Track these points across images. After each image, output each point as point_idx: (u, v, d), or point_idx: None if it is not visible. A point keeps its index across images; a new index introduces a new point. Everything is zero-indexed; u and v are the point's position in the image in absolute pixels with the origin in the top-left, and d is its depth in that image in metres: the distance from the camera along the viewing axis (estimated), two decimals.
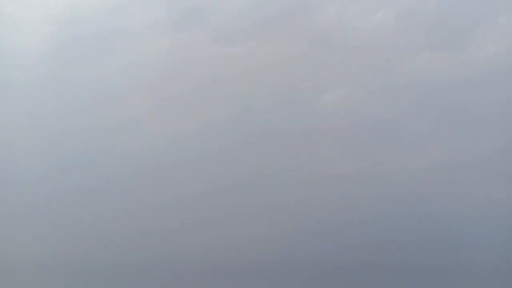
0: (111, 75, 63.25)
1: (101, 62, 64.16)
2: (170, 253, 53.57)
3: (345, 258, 53.55)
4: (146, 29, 64.75)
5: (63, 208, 55.85)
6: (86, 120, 62.58)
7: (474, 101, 58.43)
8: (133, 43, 65.64)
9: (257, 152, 61.79)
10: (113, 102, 63.80)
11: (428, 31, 65.40)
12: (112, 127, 62.30)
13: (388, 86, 63.40)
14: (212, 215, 56.24)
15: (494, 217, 50.77)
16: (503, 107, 56.84)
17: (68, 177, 57.24)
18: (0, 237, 51.85)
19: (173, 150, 60.65)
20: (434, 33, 64.58)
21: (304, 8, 65.38)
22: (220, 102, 64.89)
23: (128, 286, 53.17)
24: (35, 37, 61.27)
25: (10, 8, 62.74)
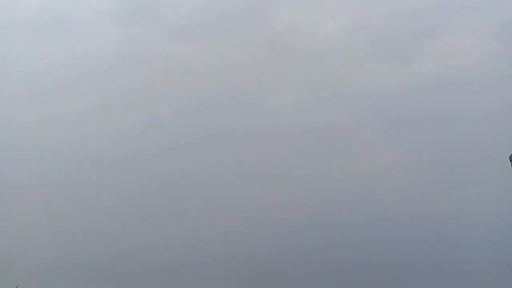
0: (53, 67, 59.46)
1: (40, 53, 60.23)
2: (111, 252, 50.53)
3: (293, 262, 53.41)
4: (94, 19, 61.81)
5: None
6: (22, 114, 58.28)
7: (417, 110, 61.94)
8: (78, 34, 62.32)
9: (204, 152, 60.51)
10: (53, 96, 60.00)
11: (376, 44, 68.53)
12: (50, 122, 58.46)
13: (338, 93, 65.26)
14: (156, 213, 54.00)
15: (440, 220, 53.57)
16: (442, 117, 60.83)
17: (5, 172, 53.02)
18: None
19: (117, 147, 57.87)
20: (381, 46, 67.76)
21: (260, 12, 65.86)
22: (168, 100, 63.06)
23: (64, 287, 49.63)
24: None
25: None
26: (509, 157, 4.61)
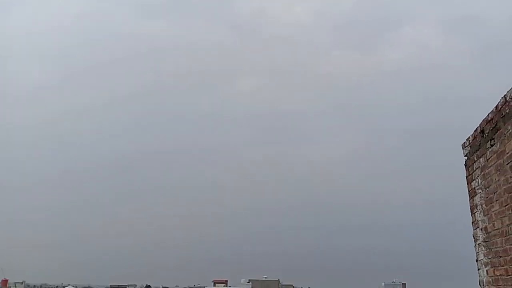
0: (5, 40, 57.62)
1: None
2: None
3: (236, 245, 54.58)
4: None
5: None
6: None
7: (380, 100, 63.39)
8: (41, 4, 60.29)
9: (162, 131, 60.31)
10: (9, 70, 58.35)
11: (342, 31, 68.92)
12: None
13: (301, 80, 65.96)
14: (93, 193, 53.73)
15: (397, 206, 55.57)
16: (404, 106, 62.40)
17: None
18: None
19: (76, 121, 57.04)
20: (347, 33, 68.32)
21: None
22: (129, 77, 62.31)
23: None
24: None
25: None
26: (461, 145, 4.68)
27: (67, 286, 41.73)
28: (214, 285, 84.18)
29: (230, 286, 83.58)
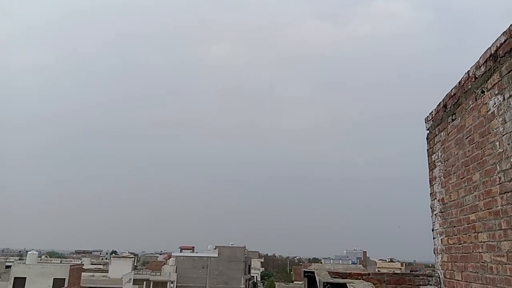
0: None
1: None
2: None
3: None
4: None
5: None
6: None
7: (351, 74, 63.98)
8: None
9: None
10: None
11: (315, 1, 68.14)
12: None
13: (273, 49, 65.45)
14: None
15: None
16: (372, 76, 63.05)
17: None
18: None
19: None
20: (320, 4, 67.65)
21: None
22: (90, 36, 60.06)
23: None
24: None
25: None
26: (424, 119, 4.82)
27: (30, 251, 40.98)
28: (181, 251, 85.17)
29: (197, 252, 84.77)
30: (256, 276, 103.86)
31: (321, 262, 68.56)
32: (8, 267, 59.33)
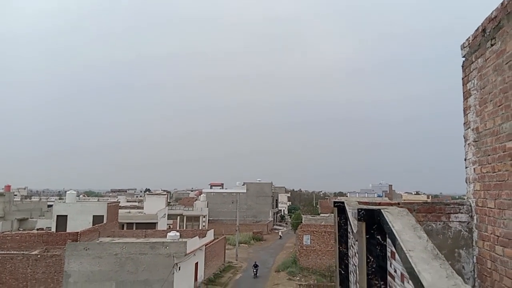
0: None
1: None
2: None
3: None
4: None
5: None
6: None
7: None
8: None
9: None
10: None
11: None
12: None
13: None
14: None
15: None
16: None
17: None
18: None
19: None
20: None
21: None
22: None
23: None
24: None
25: None
26: (460, 45, 4.48)
27: (68, 191, 43.23)
28: (211, 188, 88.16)
29: (226, 188, 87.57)
30: (284, 210, 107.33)
31: (346, 196, 69.81)
32: (50, 206, 63.24)
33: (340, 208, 6.02)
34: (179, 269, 27.16)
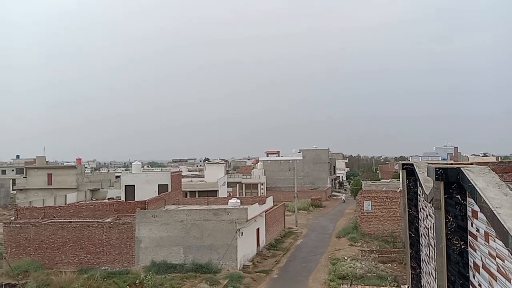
0: None
1: None
2: None
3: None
4: None
5: None
6: None
7: None
8: None
9: None
10: None
11: None
12: None
13: None
14: None
15: None
16: None
17: None
18: None
19: None
20: None
21: None
22: None
23: None
24: None
25: None
26: None
27: (134, 162, 45.57)
28: (267, 156, 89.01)
29: (282, 156, 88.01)
30: (342, 176, 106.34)
31: (408, 160, 67.57)
32: (117, 177, 67.29)
33: (409, 171, 5.82)
34: (242, 235, 28.05)
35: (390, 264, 29.54)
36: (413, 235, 5.85)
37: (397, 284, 24.52)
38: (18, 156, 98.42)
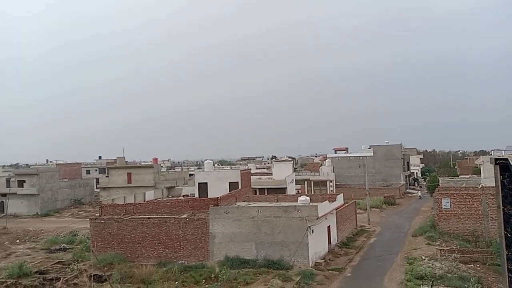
0: None
1: None
2: None
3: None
4: None
5: None
6: None
7: None
8: None
9: None
10: None
11: None
12: None
13: None
14: None
15: None
16: None
17: None
18: None
19: None
20: None
21: None
22: None
23: None
24: None
25: None
26: None
27: (205, 161, 47.08)
28: (335, 153, 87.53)
29: (351, 152, 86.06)
30: (416, 173, 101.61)
31: (490, 155, 62.81)
32: (191, 175, 69.96)
33: (502, 166, 5.41)
34: (313, 232, 27.88)
35: (472, 265, 27.80)
36: (509, 235, 5.43)
37: (481, 286, 22.97)
38: (100, 157, 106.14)
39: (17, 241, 41.09)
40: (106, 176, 71.38)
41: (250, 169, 60.15)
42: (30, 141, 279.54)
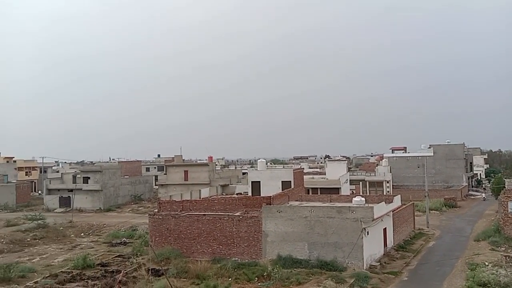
0: None
1: None
2: None
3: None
4: None
5: None
6: None
7: None
8: None
9: None
10: None
11: None
12: None
13: None
14: None
15: None
16: None
17: None
18: None
19: None
20: None
21: None
22: None
23: None
24: None
25: None
26: None
27: (258, 159, 47.51)
28: (392, 152, 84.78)
29: (409, 152, 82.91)
30: (480, 174, 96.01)
31: None
32: (244, 173, 70.82)
33: None
34: (368, 234, 27.24)
35: None
36: None
37: None
38: (159, 155, 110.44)
39: (82, 234, 43.75)
40: (164, 174, 74.12)
41: (303, 168, 59.84)
42: (93, 138, 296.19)
